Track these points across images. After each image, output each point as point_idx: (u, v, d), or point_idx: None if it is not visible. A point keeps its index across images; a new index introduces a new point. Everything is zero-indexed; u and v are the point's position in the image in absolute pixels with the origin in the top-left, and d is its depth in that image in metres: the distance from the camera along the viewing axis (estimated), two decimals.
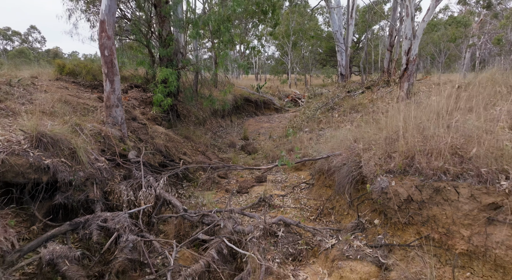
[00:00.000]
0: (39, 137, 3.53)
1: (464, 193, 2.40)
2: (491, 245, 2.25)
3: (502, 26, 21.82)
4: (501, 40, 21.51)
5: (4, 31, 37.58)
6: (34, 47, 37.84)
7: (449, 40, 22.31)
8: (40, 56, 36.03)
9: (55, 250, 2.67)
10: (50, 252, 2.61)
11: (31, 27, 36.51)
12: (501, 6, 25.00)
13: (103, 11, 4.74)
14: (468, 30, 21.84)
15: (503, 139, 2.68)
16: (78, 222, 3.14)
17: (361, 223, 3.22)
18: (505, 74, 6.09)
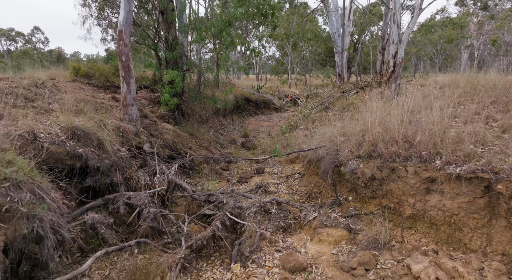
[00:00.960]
0: (73, 130, 4.33)
1: (410, 170, 3.18)
2: (428, 209, 3.03)
3: (498, 27, 22.53)
4: (497, 41, 22.23)
5: (8, 32, 38.54)
6: (37, 48, 38.75)
7: (446, 41, 23.04)
8: (43, 57, 36.95)
9: (95, 217, 3.46)
10: (91, 218, 3.40)
11: (34, 28, 37.44)
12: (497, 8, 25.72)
13: (121, 22, 5.54)
14: (464, 31, 22.56)
15: (447, 130, 3.45)
16: (108, 198, 3.93)
17: (338, 200, 4.00)
18: (478, 76, 6.84)
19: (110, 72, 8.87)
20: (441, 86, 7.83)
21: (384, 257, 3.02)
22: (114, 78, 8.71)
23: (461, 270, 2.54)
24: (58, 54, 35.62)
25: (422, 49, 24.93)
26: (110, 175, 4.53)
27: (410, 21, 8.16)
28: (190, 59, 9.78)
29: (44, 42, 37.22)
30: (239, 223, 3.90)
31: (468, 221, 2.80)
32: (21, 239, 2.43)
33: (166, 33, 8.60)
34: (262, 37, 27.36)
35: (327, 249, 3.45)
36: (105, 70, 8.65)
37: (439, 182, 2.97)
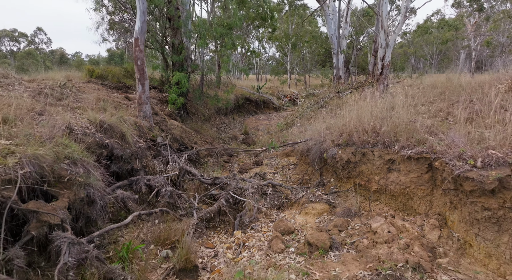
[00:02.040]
0: (101, 124, 5.22)
1: (376, 154, 4.06)
2: (389, 184, 3.91)
3: (492, 29, 23.41)
4: (491, 42, 23.11)
5: (11, 32, 39.52)
6: (40, 48, 39.70)
7: (441, 43, 23.91)
8: (45, 58, 37.90)
9: (124, 193, 4.35)
10: (121, 194, 4.29)
11: (37, 28, 38.40)
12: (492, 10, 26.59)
13: (137, 31, 6.43)
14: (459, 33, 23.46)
15: (409, 123, 4.32)
16: (132, 180, 4.82)
17: (322, 181, 4.89)
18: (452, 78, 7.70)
19: (121, 74, 9.77)
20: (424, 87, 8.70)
21: (354, 222, 3.91)
22: (125, 79, 9.61)
23: (407, 226, 3.43)
24: (61, 55, 36.56)
25: (418, 50, 25.82)
26: (130, 163, 5.42)
27: (396, 27, 9.06)
28: (194, 61, 10.68)
29: (47, 43, 38.20)
30: (240, 201, 4.78)
31: (417, 191, 3.69)
32: (79, 202, 3.31)
33: (173, 38, 9.50)
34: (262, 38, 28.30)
35: (312, 219, 4.34)
36: (117, 72, 9.55)
37: (397, 162, 3.85)
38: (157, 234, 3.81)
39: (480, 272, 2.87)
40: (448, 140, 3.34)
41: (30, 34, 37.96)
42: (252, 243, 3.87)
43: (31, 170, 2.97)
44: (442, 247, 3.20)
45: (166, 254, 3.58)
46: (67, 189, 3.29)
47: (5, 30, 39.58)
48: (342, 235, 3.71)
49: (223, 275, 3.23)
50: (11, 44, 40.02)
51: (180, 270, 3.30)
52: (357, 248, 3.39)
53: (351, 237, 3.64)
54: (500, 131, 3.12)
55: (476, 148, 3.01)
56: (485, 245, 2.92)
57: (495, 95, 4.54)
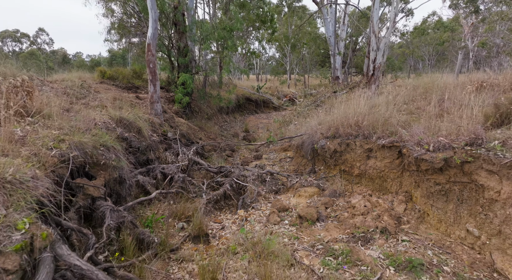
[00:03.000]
0: (120, 120, 6.03)
1: (358, 144, 4.88)
2: (368, 169, 4.73)
3: (487, 30, 24.23)
4: (486, 44, 23.93)
5: (13, 33, 40.34)
6: (41, 49, 40.51)
7: (438, 44, 24.74)
8: (47, 58, 38.74)
9: (143, 178, 5.16)
10: (141, 178, 5.10)
11: (39, 29, 39.22)
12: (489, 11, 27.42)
13: (149, 37, 7.26)
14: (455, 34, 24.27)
15: (388, 118, 5.14)
16: (149, 168, 5.64)
17: (314, 169, 5.71)
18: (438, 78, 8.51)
19: (130, 75, 10.59)
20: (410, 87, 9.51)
21: (339, 200, 4.73)
22: (133, 80, 10.43)
23: (380, 202, 4.25)
24: (63, 55, 37.38)
25: (416, 50, 26.65)
26: (146, 154, 6.24)
27: (386, 32, 9.88)
28: (198, 63, 11.51)
29: (49, 43, 39.03)
30: (243, 186, 5.60)
31: (390, 174, 4.51)
32: (112, 181, 4.13)
33: (179, 42, 10.33)
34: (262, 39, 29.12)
35: (304, 200, 5.15)
36: (126, 73, 10.37)
37: (374, 150, 4.67)
38: (173, 210, 4.63)
39: (432, 233, 3.69)
40: (413, 131, 4.16)
41: (33, 35, 38.82)
42: (253, 218, 4.69)
43: (78, 154, 3.79)
44: (406, 217, 4.02)
45: (182, 226, 4.40)
46: (103, 170, 4.11)
47: (7, 31, 40.39)
48: (328, 211, 4.53)
49: (229, 240, 4.04)
50: (13, 45, 40.81)
51: (194, 237, 4.12)
52: (338, 219, 4.22)
53: (335, 211, 4.46)
54: (450, 124, 3.94)
55: (431, 136, 3.82)
56: (437, 213, 3.74)
57: (464, 95, 5.36)
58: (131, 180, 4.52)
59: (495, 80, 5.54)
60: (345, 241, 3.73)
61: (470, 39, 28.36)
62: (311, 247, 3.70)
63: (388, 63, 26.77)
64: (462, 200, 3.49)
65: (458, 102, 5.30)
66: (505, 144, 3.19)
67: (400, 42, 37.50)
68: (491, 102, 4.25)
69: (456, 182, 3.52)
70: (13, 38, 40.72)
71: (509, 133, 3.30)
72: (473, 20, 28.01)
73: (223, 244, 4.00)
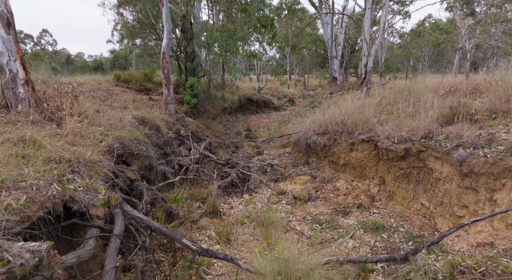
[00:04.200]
0: (142, 119, 7.14)
1: (343, 139, 5.99)
2: (351, 159, 5.84)
3: (481, 32, 25.32)
4: (480, 45, 25.01)
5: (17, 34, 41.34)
6: (45, 49, 41.60)
7: (434, 45, 25.83)
8: (51, 59, 39.85)
9: (164, 167, 6.26)
10: (163, 167, 6.20)
11: (43, 30, 40.34)
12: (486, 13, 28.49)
13: (164, 46, 8.36)
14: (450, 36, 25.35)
15: (370, 118, 6.23)
16: (168, 159, 6.74)
17: (307, 161, 6.82)
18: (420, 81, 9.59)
19: (142, 78, 11.70)
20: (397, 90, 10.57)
21: (327, 185, 5.83)
22: (145, 83, 11.55)
23: (359, 185, 5.35)
24: (67, 56, 38.46)
25: (412, 52, 27.73)
26: (163, 148, 7.34)
27: (376, 39, 10.98)
28: (204, 67, 12.62)
29: (53, 44, 40.16)
30: (247, 176, 6.70)
31: (368, 163, 5.61)
32: (144, 168, 5.23)
33: (187, 48, 11.44)
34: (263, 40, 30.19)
35: (298, 186, 6.25)
36: (139, 77, 11.49)
37: (356, 144, 5.78)
38: (191, 193, 5.73)
39: (397, 208, 4.79)
40: (385, 128, 5.26)
41: (36, 36, 39.95)
42: (256, 199, 5.80)
43: (118, 145, 4.88)
44: (378, 196, 5.13)
45: (199, 205, 5.50)
46: (136, 159, 5.21)
47: None
48: (317, 193, 5.64)
49: (238, 215, 5.15)
50: None
51: (209, 213, 5.22)
52: (325, 199, 5.32)
53: (323, 193, 5.57)
54: (414, 121, 5.04)
55: (397, 132, 4.93)
56: (401, 192, 4.85)
57: (432, 98, 6.45)
58: (158, 168, 5.63)
59: (461, 85, 6.63)
60: (329, 214, 4.84)
61: (468, 41, 29.45)
62: (302, 218, 4.81)
63: (386, 64, 27.83)
64: (418, 181, 4.60)
65: (428, 104, 6.40)
66: (448, 137, 4.30)
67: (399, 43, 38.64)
68: (450, 104, 5.34)
69: (414, 166, 4.62)
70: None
71: (451, 129, 4.40)
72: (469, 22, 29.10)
73: (233, 218, 5.10)
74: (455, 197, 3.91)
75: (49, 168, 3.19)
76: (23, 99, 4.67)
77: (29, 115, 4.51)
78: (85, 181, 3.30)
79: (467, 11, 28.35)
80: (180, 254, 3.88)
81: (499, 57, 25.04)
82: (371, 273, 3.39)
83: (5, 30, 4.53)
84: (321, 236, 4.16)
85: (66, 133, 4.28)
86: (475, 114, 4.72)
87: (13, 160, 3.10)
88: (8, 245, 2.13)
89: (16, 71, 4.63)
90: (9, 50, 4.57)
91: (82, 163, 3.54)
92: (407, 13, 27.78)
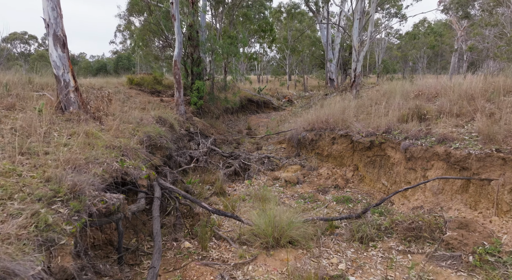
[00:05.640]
0: (159, 118, 8.60)
1: (326, 135, 7.45)
2: (332, 151, 7.30)
3: (475, 35, 26.71)
4: (472, 48, 26.42)
5: (21, 35, 43.02)
6: None
7: (428, 47, 27.25)
8: None
9: (179, 158, 7.72)
10: (178, 159, 7.65)
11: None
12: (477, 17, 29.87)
13: (175, 55, 9.83)
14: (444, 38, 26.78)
15: (351, 117, 7.68)
16: (181, 152, 8.20)
17: (298, 153, 8.29)
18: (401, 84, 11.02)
19: (152, 81, 13.18)
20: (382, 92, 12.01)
21: (313, 172, 7.29)
22: (156, 85, 13.02)
23: (338, 171, 6.81)
24: (71, 58, 39.92)
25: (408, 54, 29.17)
26: (177, 143, 8.80)
27: (364, 46, 12.43)
28: (208, 71, 14.11)
29: None
30: (248, 166, 8.15)
31: (345, 154, 7.06)
32: (165, 157, 6.69)
33: (193, 53, 12.91)
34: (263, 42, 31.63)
35: (290, 173, 7.71)
36: (150, 80, 12.97)
37: (336, 138, 7.24)
38: (202, 178, 7.19)
39: (365, 188, 6.25)
40: (356, 125, 6.72)
41: (41, 37, 41.48)
42: (255, 183, 7.26)
43: (147, 139, 6.34)
44: (352, 179, 6.59)
45: (209, 187, 6.96)
46: (159, 150, 6.67)
47: (16, 33, 43.00)
48: (304, 178, 7.10)
49: (240, 194, 6.61)
50: (21, 46, 43.44)
51: (217, 193, 6.68)
52: (310, 182, 6.78)
53: (309, 178, 7.03)
54: (380, 120, 6.49)
55: (365, 128, 6.38)
56: (369, 175, 6.30)
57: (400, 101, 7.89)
58: (176, 157, 7.10)
59: (426, 90, 8.06)
60: (312, 192, 6.29)
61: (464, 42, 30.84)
62: (291, 196, 6.27)
63: (383, 66, 29.24)
64: (381, 166, 6.05)
65: (396, 106, 7.84)
66: (401, 132, 5.75)
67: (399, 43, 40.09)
68: (410, 106, 6.79)
69: (377, 155, 6.08)
70: (21, 40, 43.36)
71: (405, 126, 5.85)
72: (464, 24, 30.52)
73: (236, 196, 6.56)
74: (402, 176, 5.37)
75: (109, 152, 4.65)
76: (73, 102, 6.14)
77: (80, 115, 5.97)
78: (132, 162, 4.76)
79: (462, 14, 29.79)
80: (197, 218, 5.34)
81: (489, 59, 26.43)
82: (337, 228, 4.85)
83: (61, 49, 6.00)
84: (304, 206, 5.62)
85: (109, 129, 5.75)
86: (426, 114, 6.17)
87: (85, 146, 4.56)
88: (103, 194, 3.58)
89: (68, 81, 6.10)
90: (63, 65, 6.05)
91: (129, 149, 5.01)
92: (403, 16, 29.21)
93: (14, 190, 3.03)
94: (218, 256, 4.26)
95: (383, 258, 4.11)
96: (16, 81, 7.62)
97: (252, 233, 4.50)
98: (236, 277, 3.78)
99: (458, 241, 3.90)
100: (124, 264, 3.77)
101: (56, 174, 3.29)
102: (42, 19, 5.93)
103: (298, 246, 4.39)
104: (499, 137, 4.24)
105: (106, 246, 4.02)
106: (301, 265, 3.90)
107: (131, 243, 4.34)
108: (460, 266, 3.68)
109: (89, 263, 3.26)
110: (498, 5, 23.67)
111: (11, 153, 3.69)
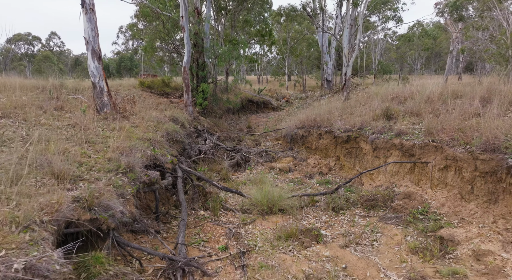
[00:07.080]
0: (172, 117, 10.19)
1: (314, 131, 9.05)
2: (319, 145, 8.90)
3: (467, 38, 28.30)
4: (465, 50, 27.99)
5: (25, 36, 44.68)
6: (53, 51, 44.78)
7: (423, 49, 28.83)
8: (59, 60, 43.03)
9: (190, 151, 9.31)
10: (189, 152, 9.25)
11: (51, 33, 43.54)
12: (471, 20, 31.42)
13: (185, 62, 11.42)
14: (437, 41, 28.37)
15: (336, 116, 9.26)
16: (191, 146, 9.80)
17: (291, 147, 9.90)
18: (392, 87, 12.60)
19: (161, 84, 14.78)
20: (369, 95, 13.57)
21: (303, 163, 8.88)
22: (164, 88, 14.62)
23: (323, 161, 8.42)
24: (76, 58, 41.57)
25: (403, 56, 30.77)
26: (187, 139, 10.39)
27: (354, 52, 14.01)
28: (212, 75, 15.72)
29: (61, 46, 43.36)
30: (248, 158, 9.74)
31: (330, 147, 8.66)
32: (180, 149, 8.29)
33: (199, 59, 14.51)
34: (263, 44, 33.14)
35: (284, 164, 9.29)
36: (159, 83, 14.57)
37: (322, 134, 8.83)
38: (210, 167, 8.78)
39: (344, 174, 7.84)
40: (338, 123, 8.31)
41: (45, 38, 43.16)
42: (255, 172, 8.86)
43: (166, 134, 7.92)
44: (334, 168, 8.19)
45: (216, 174, 8.55)
46: (176, 143, 8.27)
47: (20, 34, 44.67)
48: (295, 167, 8.69)
49: (242, 179, 8.20)
50: (25, 47, 45.10)
51: (223, 179, 8.27)
52: (300, 170, 8.38)
53: (299, 167, 8.62)
54: (357, 118, 8.07)
55: (344, 125, 7.97)
56: (347, 164, 7.90)
57: (377, 103, 9.46)
58: (188, 150, 8.70)
59: (401, 94, 9.64)
60: (301, 178, 7.88)
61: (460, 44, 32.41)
62: (283, 180, 7.87)
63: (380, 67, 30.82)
64: (356, 156, 7.65)
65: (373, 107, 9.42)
66: (371, 128, 7.34)
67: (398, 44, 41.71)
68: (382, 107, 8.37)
69: (353, 147, 7.67)
70: (25, 41, 45.03)
71: (375, 123, 7.44)
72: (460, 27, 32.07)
73: (239, 181, 8.16)
74: (370, 163, 6.97)
75: (142, 142, 6.24)
76: (107, 104, 7.73)
77: (113, 115, 7.56)
78: (160, 150, 6.35)
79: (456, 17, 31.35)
80: (209, 196, 6.93)
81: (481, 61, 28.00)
82: (316, 202, 6.44)
83: (98, 61, 7.61)
84: (293, 187, 7.21)
85: (137, 125, 7.34)
86: (394, 114, 7.76)
87: (125, 138, 6.15)
88: (145, 170, 5.17)
89: (103, 87, 7.70)
90: (99, 74, 7.65)
91: (156, 141, 6.60)
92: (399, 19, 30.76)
93: (91, 165, 4.62)
94: (226, 220, 5.86)
95: (349, 220, 5.70)
96: (50, 86, 9.22)
97: (251, 204, 6.10)
98: (240, 232, 5.37)
99: (402, 206, 5.49)
100: (160, 221, 5.37)
101: (114, 156, 4.89)
102: (83, 37, 7.53)
103: (286, 213, 5.99)
104: (435, 131, 5.83)
105: (145, 210, 5.62)
106: (287, 224, 5.49)
107: (161, 210, 5.93)
108: (400, 222, 5.27)
109: (139, 217, 4.85)
110: (487, 9, 25.23)
111: (78, 142, 5.30)
